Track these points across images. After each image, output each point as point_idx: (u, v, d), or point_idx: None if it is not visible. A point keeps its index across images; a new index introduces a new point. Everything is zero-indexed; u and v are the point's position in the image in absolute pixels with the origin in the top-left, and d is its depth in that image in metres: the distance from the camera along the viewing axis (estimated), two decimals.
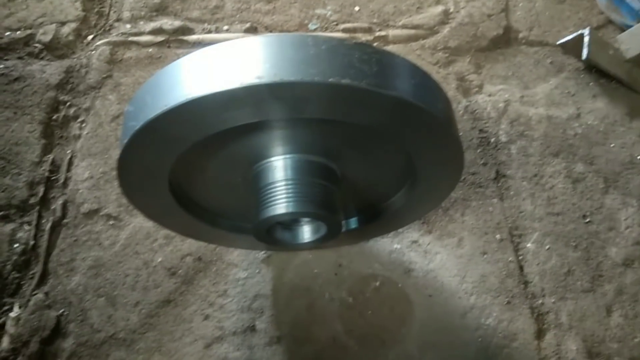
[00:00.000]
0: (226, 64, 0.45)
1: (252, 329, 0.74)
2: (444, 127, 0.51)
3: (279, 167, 0.58)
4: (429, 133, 0.51)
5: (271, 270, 0.79)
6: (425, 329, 0.74)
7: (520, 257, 0.79)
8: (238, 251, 0.80)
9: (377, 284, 0.77)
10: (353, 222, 0.72)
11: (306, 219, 0.64)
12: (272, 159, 0.58)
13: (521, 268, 0.79)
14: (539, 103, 0.94)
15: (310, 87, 0.44)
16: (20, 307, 0.75)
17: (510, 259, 0.79)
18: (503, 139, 0.90)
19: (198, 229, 0.68)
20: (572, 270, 0.78)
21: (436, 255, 0.79)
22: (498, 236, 0.81)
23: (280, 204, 0.56)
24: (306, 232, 0.64)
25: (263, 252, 0.80)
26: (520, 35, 1.05)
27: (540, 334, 0.74)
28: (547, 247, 0.80)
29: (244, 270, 0.78)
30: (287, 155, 0.58)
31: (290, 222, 0.64)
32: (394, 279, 0.77)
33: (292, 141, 0.56)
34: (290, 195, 0.57)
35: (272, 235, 0.62)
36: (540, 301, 0.76)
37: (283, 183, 0.57)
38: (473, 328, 0.73)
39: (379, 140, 0.56)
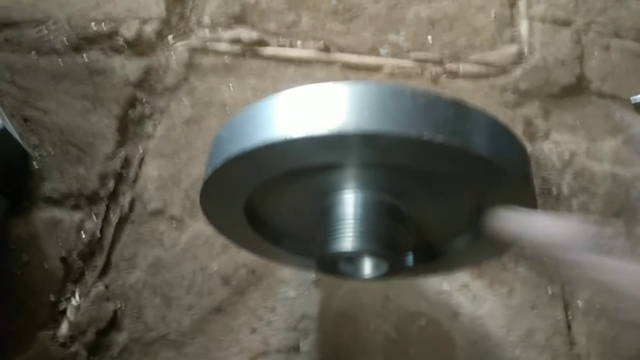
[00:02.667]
0: (325, 107, 0.47)
1: (296, 349, 0.76)
2: (522, 187, 0.51)
3: (350, 202, 0.59)
4: (506, 190, 0.52)
5: (320, 293, 0.81)
6: None
7: (569, 316, 0.79)
8: (290, 269, 0.82)
9: (423, 322, 0.78)
10: (408, 259, 0.73)
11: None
12: (345, 193, 0.60)
13: (569, 327, 0.78)
14: (604, 158, 0.93)
15: (404, 139, 0.45)
16: (81, 296, 0.80)
17: (559, 316, 0.79)
18: (565, 191, 0.89)
19: (260, 245, 0.70)
20: (620, 334, 0.77)
21: (485, 303, 0.79)
22: (550, 290, 0.80)
23: (348, 240, 0.58)
24: (368, 267, 0.66)
25: (314, 274, 0.82)
26: (592, 85, 1.03)
27: None
28: (598, 306, 0.79)
29: (294, 289, 0.81)
30: (360, 192, 0.59)
31: (354, 256, 0.66)
32: (440, 320, 0.78)
33: (367, 179, 0.58)
34: (357, 231, 0.58)
35: (335, 266, 0.64)
36: None
37: (352, 219, 0.59)
38: None
39: (454, 188, 0.57)
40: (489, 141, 0.49)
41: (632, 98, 0.98)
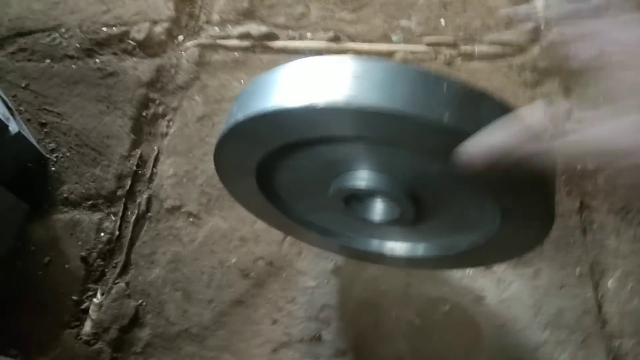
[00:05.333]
0: (348, 81, 0.46)
1: (318, 338, 0.75)
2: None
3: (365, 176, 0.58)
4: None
5: (339, 282, 0.79)
6: (495, 359, 0.72)
7: (600, 295, 0.76)
8: (308, 260, 0.81)
9: (447, 308, 0.76)
10: (427, 249, 0.71)
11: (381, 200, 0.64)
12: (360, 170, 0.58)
13: (600, 306, 0.75)
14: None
15: (418, 121, 0.44)
16: (102, 295, 0.80)
17: (589, 295, 0.76)
18: (590, 167, 0.86)
19: (272, 214, 0.70)
20: None
21: (511, 285, 0.77)
22: (578, 270, 0.78)
23: (363, 178, 0.57)
24: (378, 211, 0.64)
25: (332, 262, 0.81)
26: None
27: None
28: (630, 286, 0.76)
29: (313, 279, 0.80)
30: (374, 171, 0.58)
31: (365, 197, 0.64)
32: (464, 305, 0.76)
33: (385, 160, 0.57)
34: (374, 172, 0.57)
35: (347, 204, 0.62)
36: (617, 342, 0.73)
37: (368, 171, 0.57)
38: None
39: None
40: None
41: None
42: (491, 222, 0.60)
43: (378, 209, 0.65)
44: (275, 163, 0.61)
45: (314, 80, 0.47)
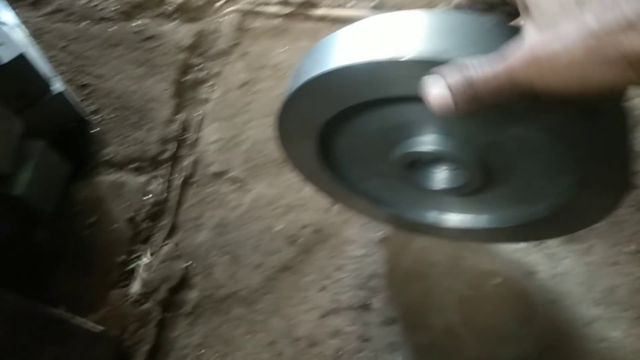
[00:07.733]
0: (412, 33, 0.44)
1: (367, 307, 0.75)
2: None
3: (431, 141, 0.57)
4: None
5: (387, 252, 0.79)
6: (546, 333, 0.72)
7: None
8: (356, 229, 0.81)
9: (498, 281, 0.75)
10: (485, 220, 0.70)
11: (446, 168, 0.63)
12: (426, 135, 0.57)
13: None
14: None
15: None
16: (152, 255, 0.80)
17: None
18: None
19: (328, 182, 0.68)
20: None
21: (563, 260, 0.76)
22: (632, 247, 0.77)
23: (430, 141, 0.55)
24: (442, 178, 0.63)
25: (380, 232, 0.80)
26: None
27: None
28: None
29: (360, 248, 0.79)
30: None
31: (429, 163, 0.63)
32: (516, 278, 0.76)
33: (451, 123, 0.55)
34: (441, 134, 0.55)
35: (409, 169, 0.61)
36: None
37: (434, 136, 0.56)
38: (597, 339, 0.71)
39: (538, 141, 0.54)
40: None
41: None
42: (562, 191, 0.59)
43: (441, 176, 0.64)
44: (340, 126, 0.60)
45: (392, 35, 0.46)
